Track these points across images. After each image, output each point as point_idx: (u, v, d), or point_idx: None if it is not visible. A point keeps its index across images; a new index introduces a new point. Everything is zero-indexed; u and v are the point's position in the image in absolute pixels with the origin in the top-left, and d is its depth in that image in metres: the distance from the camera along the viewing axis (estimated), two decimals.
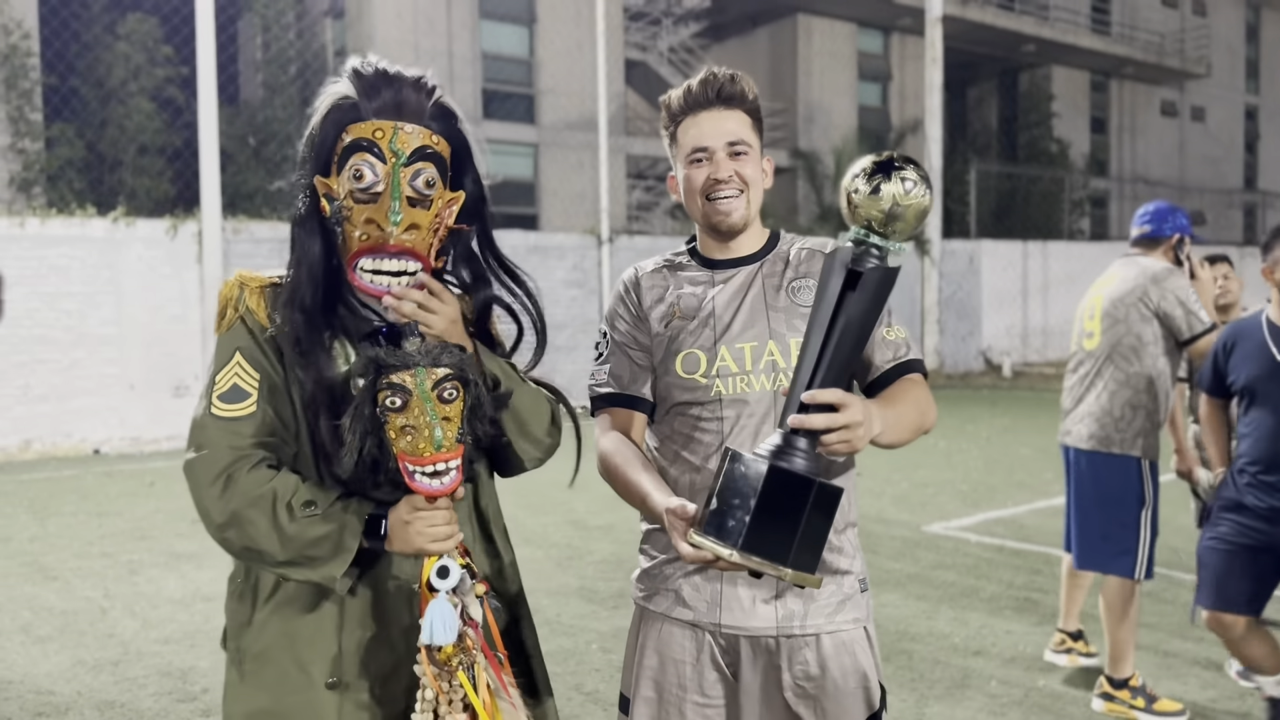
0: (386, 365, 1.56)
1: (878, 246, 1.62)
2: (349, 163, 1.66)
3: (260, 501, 1.59)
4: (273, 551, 1.60)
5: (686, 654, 1.99)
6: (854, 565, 2.01)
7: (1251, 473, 3.42)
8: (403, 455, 1.57)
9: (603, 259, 14.27)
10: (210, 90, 10.94)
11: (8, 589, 5.58)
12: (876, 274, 1.61)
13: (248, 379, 1.66)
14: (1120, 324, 3.95)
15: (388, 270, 1.64)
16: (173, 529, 6.99)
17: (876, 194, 1.60)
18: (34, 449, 10.36)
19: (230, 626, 1.75)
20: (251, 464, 1.62)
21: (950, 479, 8.60)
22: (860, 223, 1.63)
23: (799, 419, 1.62)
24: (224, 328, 1.71)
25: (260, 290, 1.72)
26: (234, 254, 11.37)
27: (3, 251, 10.13)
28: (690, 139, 1.99)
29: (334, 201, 1.68)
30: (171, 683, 4.25)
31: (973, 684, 4.18)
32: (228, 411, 1.65)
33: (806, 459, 1.61)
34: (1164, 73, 32.85)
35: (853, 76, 26.66)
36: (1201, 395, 3.76)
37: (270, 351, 1.68)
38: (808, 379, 1.63)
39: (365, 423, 1.57)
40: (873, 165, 1.63)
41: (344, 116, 1.69)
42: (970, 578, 5.70)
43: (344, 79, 1.72)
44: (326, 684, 1.67)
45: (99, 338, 10.68)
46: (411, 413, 1.55)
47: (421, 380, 1.56)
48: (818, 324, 1.63)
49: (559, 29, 20.89)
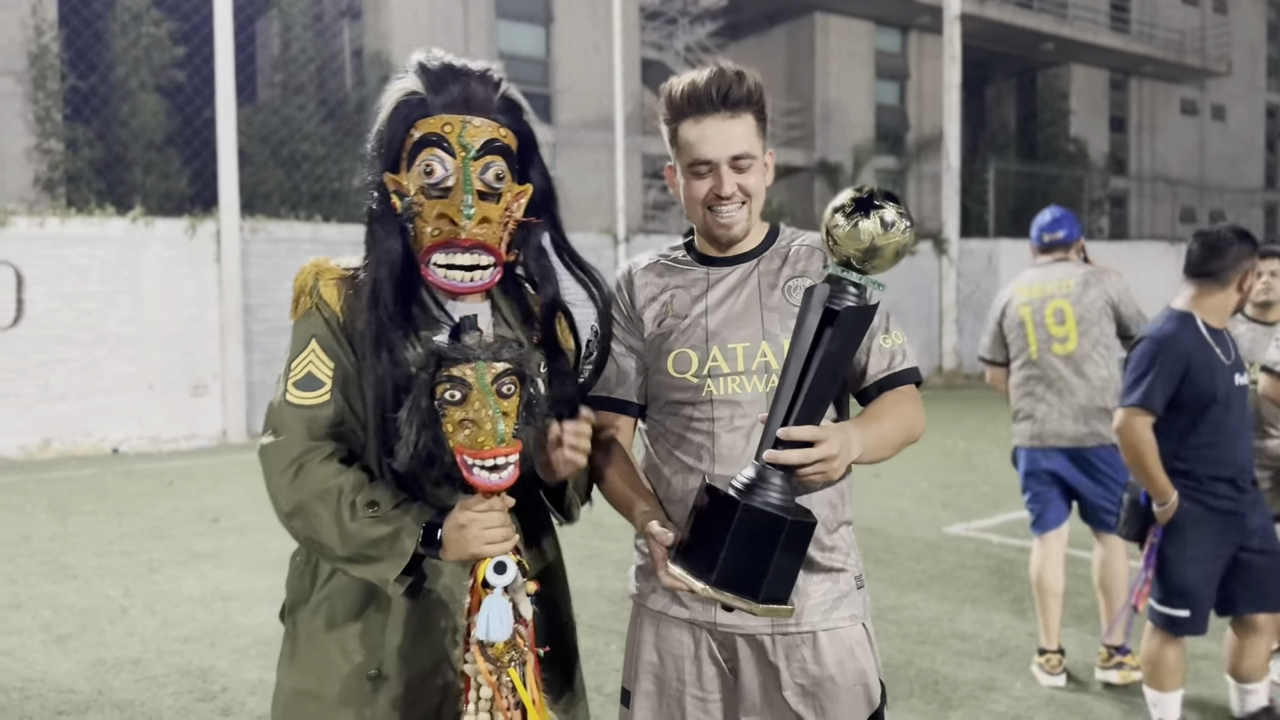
0: (447, 358, 1.55)
1: (855, 285, 1.63)
2: (419, 158, 1.67)
3: (326, 496, 1.61)
4: (333, 546, 1.62)
5: (685, 649, 1.98)
6: (848, 563, 1.99)
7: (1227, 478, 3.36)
8: (461, 449, 1.55)
9: (619, 258, 14.25)
10: (228, 90, 10.97)
11: (28, 588, 5.59)
12: (853, 314, 1.63)
13: (322, 367, 1.68)
14: (1095, 326, 4.19)
15: (461, 265, 1.66)
16: (192, 528, 7.00)
17: (855, 230, 1.61)
18: (54, 448, 10.40)
19: (289, 601, 1.79)
20: (323, 455, 1.64)
21: (971, 480, 8.53)
22: (839, 258, 1.64)
23: (774, 454, 1.64)
24: (298, 313, 1.72)
25: (336, 281, 1.72)
26: (252, 253, 11.40)
27: (23, 251, 10.19)
28: (692, 147, 1.92)
29: (404, 198, 1.69)
30: (191, 682, 4.24)
31: (998, 687, 4.13)
32: (302, 399, 1.66)
33: (781, 494, 1.64)
34: (1184, 71, 32.60)
35: (870, 75, 26.55)
36: (1139, 416, 3.34)
37: (345, 342, 1.69)
38: (784, 413, 1.65)
39: (423, 415, 1.56)
40: (852, 201, 1.63)
41: (412, 112, 1.69)
42: (993, 579, 5.64)
43: (410, 74, 1.72)
44: (368, 675, 1.69)
45: (118, 337, 10.72)
46: (471, 406, 1.54)
47: (481, 374, 1.55)
48: (794, 358, 1.65)
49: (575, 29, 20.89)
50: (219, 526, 7.05)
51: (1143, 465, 3.35)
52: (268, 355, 11.43)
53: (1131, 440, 3.35)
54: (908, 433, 1.92)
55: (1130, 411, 3.36)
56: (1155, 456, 3.33)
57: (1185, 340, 3.33)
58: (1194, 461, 3.37)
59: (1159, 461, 3.34)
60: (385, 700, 1.70)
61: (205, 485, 8.66)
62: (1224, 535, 3.38)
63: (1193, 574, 3.36)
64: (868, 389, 1.97)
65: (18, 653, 4.59)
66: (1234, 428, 3.37)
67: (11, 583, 5.69)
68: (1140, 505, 3.47)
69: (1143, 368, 3.36)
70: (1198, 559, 3.36)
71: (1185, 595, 3.38)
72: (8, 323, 10.16)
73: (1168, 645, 3.47)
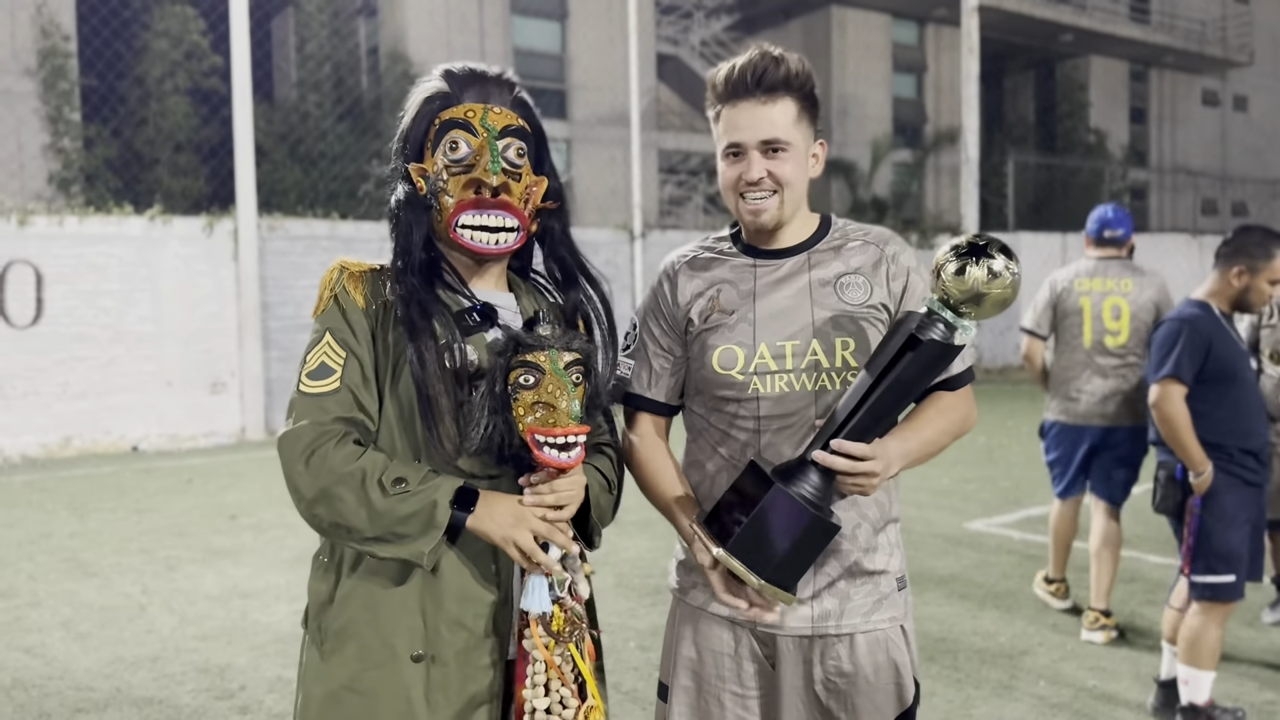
0: (523, 344, 1.63)
1: (946, 324, 1.68)
2: (443, 139, 1.74)
3: (349, 479, 1.61)
4: (361, 528, 1.61)
5: (725, 645, 1.97)
6: (890, 564, 1.96)
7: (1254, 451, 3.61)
8: (532, 429, 1.61)
9: (635, 254, 14.21)
10: (245, 88, 10.98)
11: (48, 585, 5.61)
12: (935, 348, 1.67)
13: (334, 356, 1.70)
14: (1143, 325, 4.71)
15: (488, 225, 1.71)
16: (210, 525, 7.01)
17: (962, 274, 1.65)
18: (74, 446, 10.45)
19: (312, 605, 1.75)
20: (336, 439, 1.65)
21: (991, 475, 8.46)
22: (941, 295, 1.68)
23: (823, 457, 1.69)
24: (320, 309, 1.76)
25: (359, 274, 1.76)
26: (269, 251, 11.42)
27: (42, 250, 10.23)
28: (726, 131, 1.89)
29: (429, 179, 1.74)
30: (209, 679, 4.24)
31: (1020, 684, 4.08)
32: (314, 388, 1.68)
33: (815, 490, 1.70)
34: (1205, 61, 32.29)
35: (887, 69, 26.42)
36: (1171, 385, 3.57)
37: (361, 332, 1.71)
38: (842, 422, 1.71)
39: (495, 400, 1.63)
40: (966, 245, 1.67)
41: (436, 106, 1.77)
42: (1015, 576, 5.58)
43: (434, 78, 1.81)
44: (412, 657, 1.67)
45: (137, 335, 10.76)
46: (545, 389, 1.61)
47: (555, 360, 1.63)
48: (868, 374, 1.70)
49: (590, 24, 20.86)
50: (237, 524, 7.06)
51: (1178, 435, 3.55)
52: (285, 352, 11.46)
53: (1167, 410, 3.56)
54: (956, 433, 1.95)
55: (1163, 383, 3.59)
56: (1189, 426, 3.55)
57: (1206, 319, 3.63)
58: (1224, 435, 3.58)
59: (1193, 431, 3.55)
60: (434, 682, 1.67)
61: (224, 482, 8.68)
62: (1256, 503, 3.62)
63: (1236, 538, 3.55)
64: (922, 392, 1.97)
65: (37, 650, 4.60)
66: (1255, 404, 3.65)
67: (32, 580, 5.71)
68: (1176, 480, 3.65)
69: (1170, 344, 3.62)
70: (1239, 522, 3.55)
71: (1229, 559, 3.54)
72: (28, 321, 10.21)
73: (1211, 622, 3.57)
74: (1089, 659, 4.35)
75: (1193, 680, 3.60)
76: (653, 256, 14.16)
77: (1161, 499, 3.70)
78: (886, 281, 1.93)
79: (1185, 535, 3.62)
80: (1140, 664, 4.27)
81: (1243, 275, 3.65)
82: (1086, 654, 4.41)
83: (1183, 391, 3.56)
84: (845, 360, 1.87)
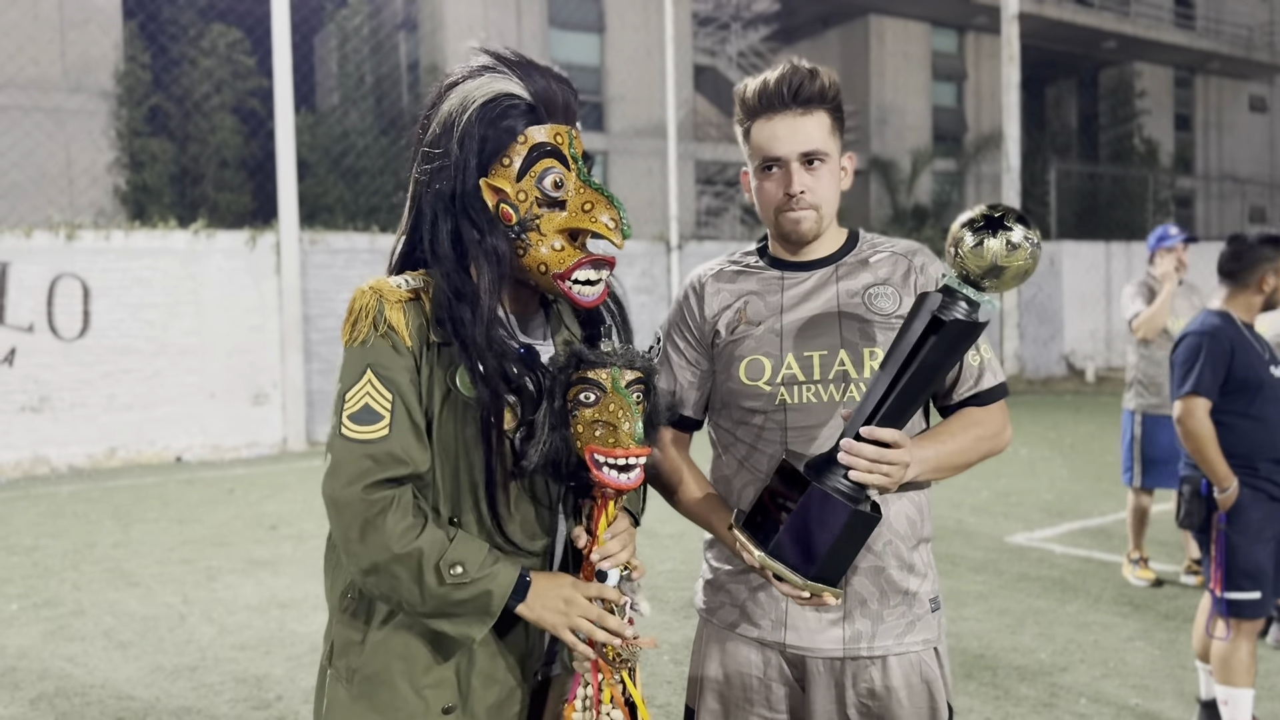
0: (586, 361, 1.60)
1: (968, 300, 1.62)
2: (535, 166, 1.61)
3: (406, 560, 1.54)
4: (414, 603, 1.57)
5: (753, 667, 1.94)
6: (924, 585, 1.92)
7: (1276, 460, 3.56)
8: (593, 448, 1.57)
9: (672, 265, 14.21)
10: (287, 103, 11.13)
11: (92, 594, 5.70)
12: (959, 327, 1.61)
13: (380, 400, 1.57)
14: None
15: (594, 280, 1.64)
16: (251, 536, 7.09)
17: (980, 247, 1.58)
18: (119, 456, 10.62)
19: (338, 644, 1.69)
20: (391, 509, 1.55)
21: (1033, 488, 8.34)
22: (959, 271, 1.62)
23: (850, 445, 1.65)
24: (356, 340, 1.60)
25: (400, 304, 1.61)
26: (311, 264, 11.56)
27: (89, 264, 10.43)
28: (763, 145, 1.88)
29: (514, 207, 1.62)
30: (247, 690, 4.28)
31: (1060, 703, 4.01)
32: (358, 433, 1.56)
33: (850, 483, 1.66)
34: (1252, 67, 31.75)
35: (926, 77, 26.24)
36: (1195, 400, 3.56)
37: (409, 371, 1.60)
38: (870, 411, 1.66)
39: (555, 416, 1.60)
40: (982, 217, 1.60)
41: (521, 120, 1.62)
42: (1056, 590, 5.49)
43: (504, 75, 1.63)
44: (443, 709, 1.63)
45: (181, 347, 10.92)
46: (606, 408, 1.57)
47: (616, 379, 1.59)
48: (893, 361, 1.65)
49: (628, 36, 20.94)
50: (277, 534, 7.13)
51: (1203, 451, 3.53)
52: (326, 365, 11.58)
53: (1192, 426, 3.54)
54: (985, 451, 1.90)
55: (1187, 399, 3.57)
56: (1215, 442, 3.52)
57: (1227, 331, 3.60)
58: (1249, 448, 3.54)
59: (1219, 447, 3.52)
60: None
61: (265, 493, 8.78)
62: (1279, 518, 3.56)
63: (1262, 554, 3.51)
64: (949, 405, 1.94)
65: (79, 659, 4.67)
66: (1278, 415, 3.59)
67: (76, 589, 5.80)
68: (1201, 495, 3.61)
69: (1191, 359, 3.60)
70: (1264, 538, 3.51)
71: (1255, 576, 3.49)
72: (75, 334, 10.41)
73: (1240, 640, 3.52)
74: (1131, 676, 4.27)
75: (1232, 700, 3.53)
76: (689, 267, 14.14)
77: (1186, 515, 3.66)
78: (915, 292, 1.92)
79: (1213, 552, 3.57)
80: (1184, 682, 4.18)
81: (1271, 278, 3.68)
82: (1128, 671, 4.32)
83: (1207, 406, 3.54)
84: (874, 371, 1.85)
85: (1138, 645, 4.62)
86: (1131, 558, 5.65)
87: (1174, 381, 3.68)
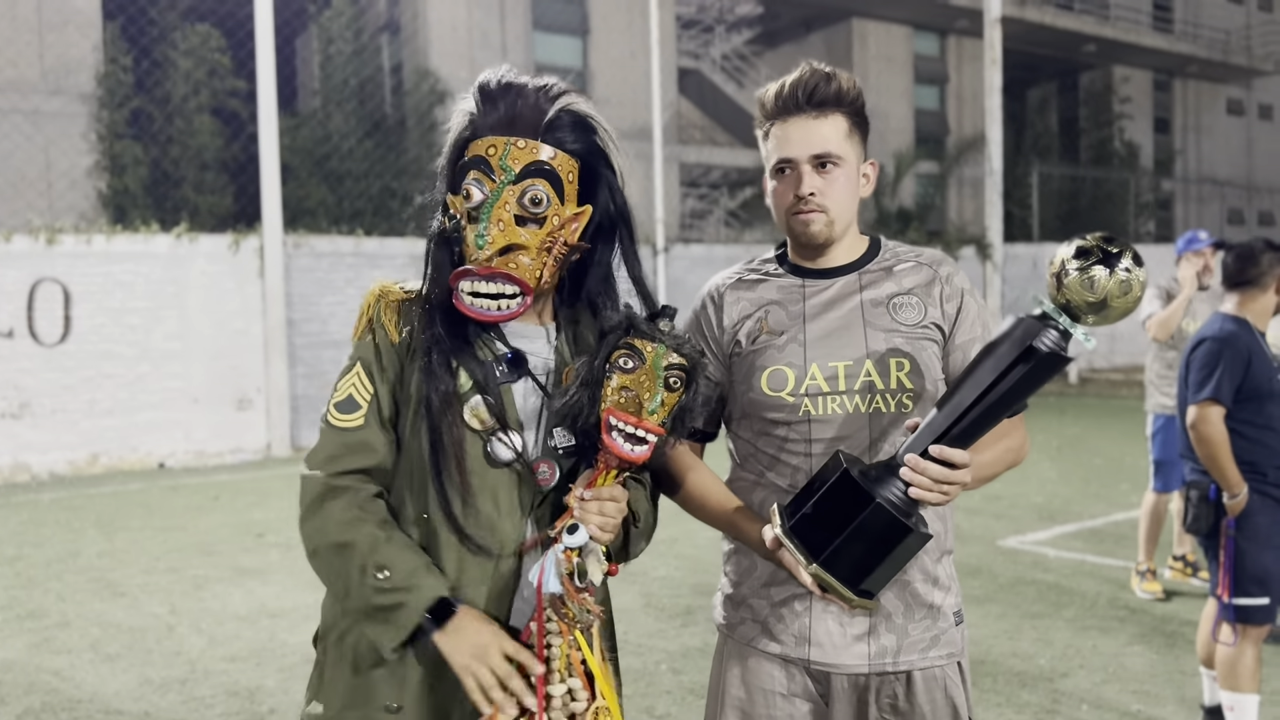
0: (637, 329, 1.62)
1: (1063, 332, 1.57)
2: (463, 182, 1.66)
3: (341, 550, 1.60)
4: (338, 595, 1.65)
5: (777, 684, 1.90)
6: (948, 599, 1.90)
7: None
8: (611, 410, 1.59)
9: (658, 268, 14.17)
10: (270, 106, 11.03)
11: (77, 605, 5.60)
12: (1049, 360, 1.56)
13: (362, 391, 1.67)
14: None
15: (485, 293, 1.61)
16: (238, 544, 7.00)
17: (1090, 280, 1.53)
18: (101, 463, 10.49)
19: (322, 627, 1.76)
20: (344, 495, 1.63)
21: (1023, 491, 8.35)
22: (1060, 300, 1.56)
23: (917, 462, 1.61)
24: (355, 334, 1.72)
25: (396, 303, 1.71)
26: (295, 268, 11.45)
27: (70, 268, 10.30)
28: (776, 147, 1.87)
29: (454, 219, 1.68)
30: (239, 703, 4.21)
31: (1063, 709, 3.99)
32: (340, 421, 1.67)
33: (905, 499, 1.63)
34: (1230, 70, 32.07)
35: (909, 80, 26.35)
36: (1212, 408, 3.56)
37: (391, 367, 1.68)
38: (944, 429, 1.61)
39: (591, 372, 1.62)
40: (1097, 249, 1.54)
41: (467, 135, 1.68)
42: (1052, 594, 5.48)
43: (469, 95, 1.70)
44: (385, 707, 1.64)
45: (163, 352, 10.80)
46: (638, 378, 1.59)
47: (658, 356, 1.60)
48: (973, 382, 1.60)
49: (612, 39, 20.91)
50: (264, 542, 7.04)
51: (1216, 457, 3.53)
52: (311, 369, 11.48)
53: (1206, 432, 3.55)
54: (1010, 462, 1.89)
55: (1203, 405, 3.57)
56: (1228, 448, 3.53)
57: (1244, 338, 3.61)
58: (1259, 453, 3.55)
59: (1231, 454, 3.52)
60: None
61: (250, 500, 8.68)
62: None
63: (1270, 559, 3.52)
64: None
65: (65, 672, 4.58)
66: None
67: (61, 600, 5.70)
68: (1210, 500, 3.61)
69: (1210, 365, 3.59)
70: (1273, 544, 3.52)
71: (1264, 582, 3.49)
72: (55, 339, 10.27)
73: (1246, 644, 3.52)
74: (1132, 682, 4.25)
75: (1238, 706, 3.53)
76: (675, 270, 14.12)
77: (1194, 519, 3.66)
78: (940, 302, 1.89)
79: (1221, 557, 3.57)
80: (1185, 687, 4.17)
81: None
82: (1129, 677, 4.31)
83: (1222, 413, 3.55)
84: (900, 381, 1.82)
85: (1137, 650, 4.61)
86: (1140, 569, 5.55)
87: (1191, 384, 3.66)
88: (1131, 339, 18.93)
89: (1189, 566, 5.64)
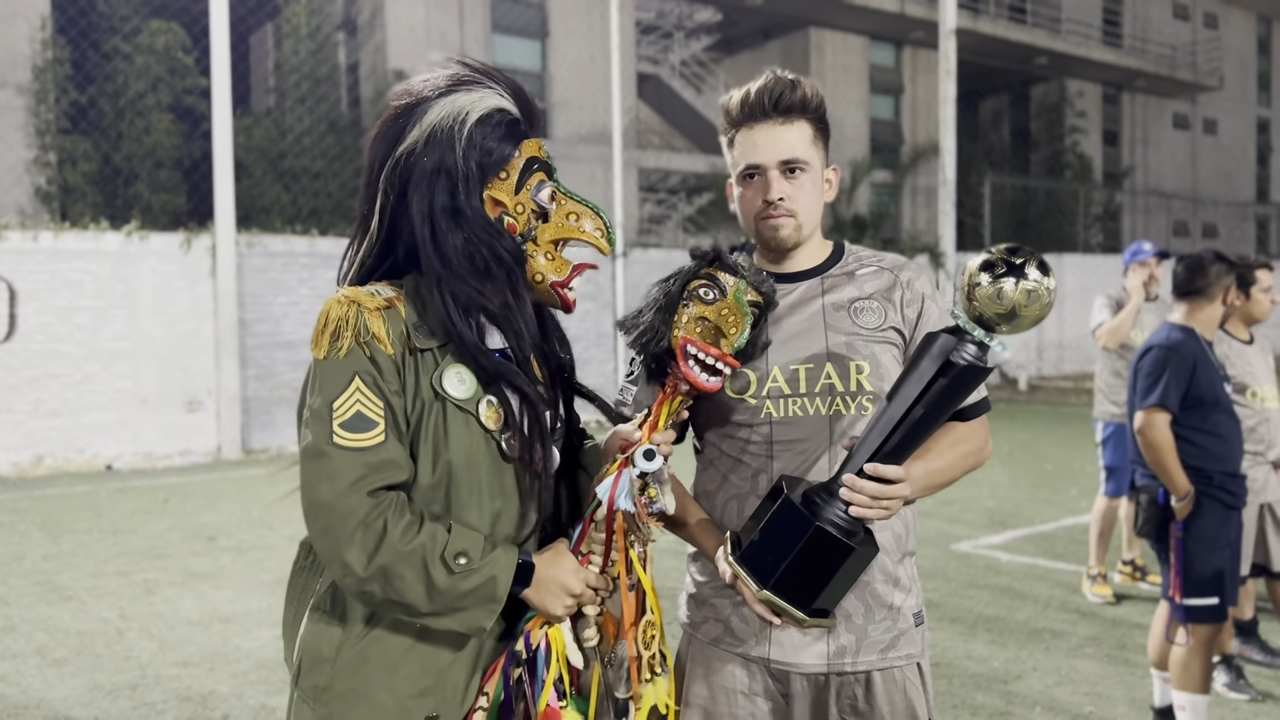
0: (723, 262, 1.66)
1: (978, 344, 1.61)
2: (530, 178, 1.67)
3: (410, 557, 1.53)
4: (418, 604, 1.55)
5: (738, 683, 1.91)
6: (908, 600, 1.91)
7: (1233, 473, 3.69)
8: (686, 338, 1.64)
9: (616, 272, 14.17)
10: (225, 102, 10.89)
11: (22, 609, 5.47)
12: (969, 373, 1.61)
13: (372, 406, 1.56)
14: None
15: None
16: (188, 547, 6.89)
17: (998, 291, 1.56)
18: (46, 464, 10.27)
19: (306, 662, 1.63)
20: (392, 509, 1.54)
21: (975, 496, 8.46)
22: (973, 314, 1.60)
23: (854, 481, 1.65)
24: (338, 351, 1.57)
25: (379, 313, 1.59)
26: (247, 268, 11.30)
27: (16, 266, 10.08)
28: (744, 153, 1.89)
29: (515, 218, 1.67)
30: (191, 708, 4.14)
31: (1016, 711, 4.05)
32: (354, 441, 1.54)
33: (848, 519, 1.66)
34: (1176, 85, 32.76)
35: (865, 90, 26.61)
36: (1158, 414, 3.66)
37: (394, 379, 1.58)
38: (875, 447, 1.65)
39: (667, 298, 1.66)
40: (1002, 262, 1.57)
41: (516, 131, 1.68)
42: (1005, 598, 5.56)
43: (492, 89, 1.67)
44: (425, 719, 1.61)
45: (112, 352, 10.60)
46: (719, 310, 1.65)
47: (740, 289, 1.66)
48: (900, 398, 1.64)
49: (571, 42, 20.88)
50: (215, 545, 6.93)
51: (1162, 462, 3.62)
52: (263, 370, 11.33)
53: (1153, 438, 3.64)
54: (969, 466, 1.91)
55: (1150, 411, 3.67)
56: (1174, 453, 3.62)
57: (1191, 346, 3.71)
58: (1205, 459, 3.64)
59: (1178, 458, 3.62)
60: None
61: (200, 503, 8.54)
62: (1236, 526, 3.68)
63: (1218, 560, 3.60)
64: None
65: (11, 678, 4.48)
66: (1232, 429, 3.73)
67: (5, 604, 5.57)
68: (1158, 504, 3.70)
69: (1157, 372, 3.69)
70: (1219, 545, 3.61)
71: (1213, 582, 3.59)
72: (0, 338, 10.05)
73: (1198, 646, 3.59)
74: (1084, 684, 4.32)
75: (1190, 706, 3.60)
76: (634, 274, 14.12)
77: (1143, 523, 3.75)
78: (901, 307, 1.92)
79: (1171, 560, 3.66)
80: (1135, 689, 4.25)
81: (1238, 294, 3.86)
82: (1081, 679, 4.38)
83: (1168, 419, 3.65)
84: (860, 384, 1.85)
85: (1088, 653, 4.68)
86: (1091, 573, 5.63)
87: (1136, 392, 3.76)
88: (1080, 347, 19.29)
89: (1138, 571, 5.75)
